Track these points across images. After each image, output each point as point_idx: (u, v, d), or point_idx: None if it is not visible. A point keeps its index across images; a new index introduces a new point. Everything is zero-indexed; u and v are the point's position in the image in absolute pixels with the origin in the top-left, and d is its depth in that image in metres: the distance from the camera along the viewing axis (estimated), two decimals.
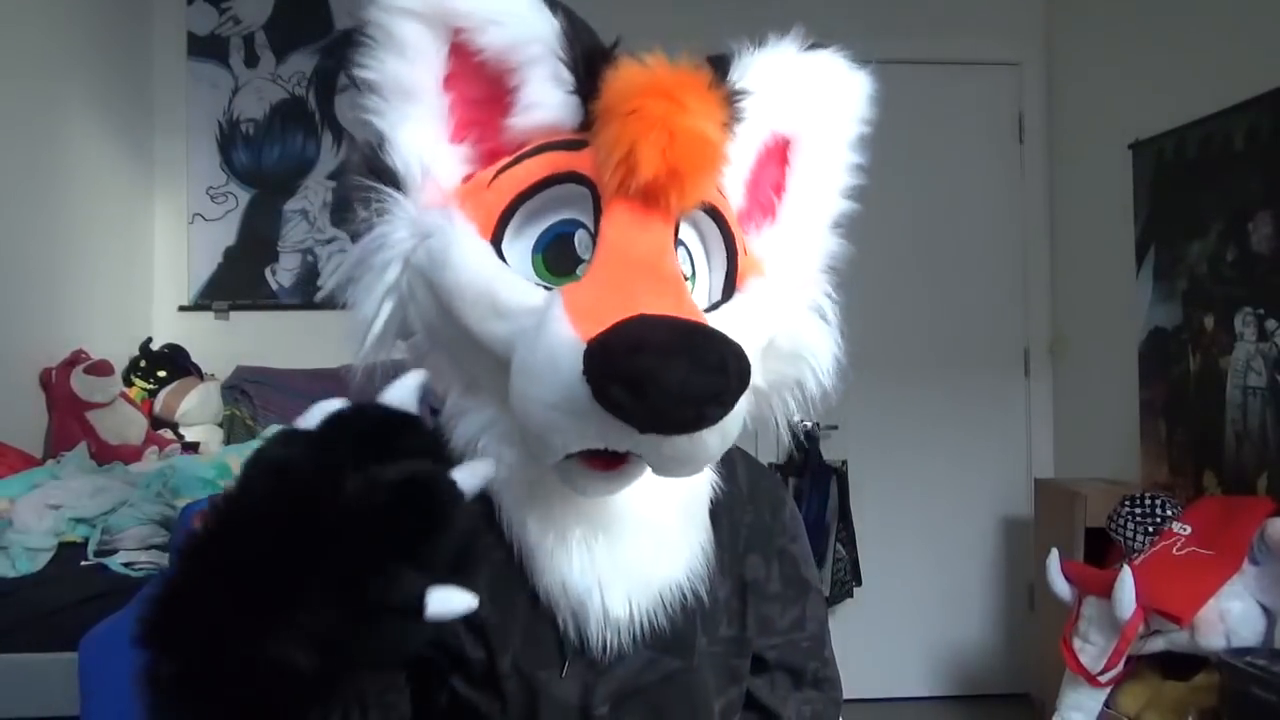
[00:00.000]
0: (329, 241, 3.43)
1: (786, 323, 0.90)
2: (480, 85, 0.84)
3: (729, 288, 0.84)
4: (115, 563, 1.67)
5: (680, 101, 0.74)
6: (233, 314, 3.39)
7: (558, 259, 0.79)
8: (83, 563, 1.69)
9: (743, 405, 0.70)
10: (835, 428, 3.36)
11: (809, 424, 3.33)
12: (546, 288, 0.77)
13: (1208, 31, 2.71)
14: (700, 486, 0.87)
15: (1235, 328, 2.52)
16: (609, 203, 0.76)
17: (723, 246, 0.84)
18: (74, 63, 2.85)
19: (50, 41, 2.72)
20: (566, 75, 0.80)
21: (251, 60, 3.43)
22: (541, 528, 0.80)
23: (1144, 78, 3.00)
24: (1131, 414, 2.96)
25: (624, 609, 0.80)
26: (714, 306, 0.83)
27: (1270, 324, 2.41)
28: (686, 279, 0.81)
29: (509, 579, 0.82)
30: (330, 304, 0.84)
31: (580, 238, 0.79)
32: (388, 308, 0.82)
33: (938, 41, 3.41)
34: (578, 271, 0.78)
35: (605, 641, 0.80)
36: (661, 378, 0.63)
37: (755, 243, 0.92)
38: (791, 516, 1.00)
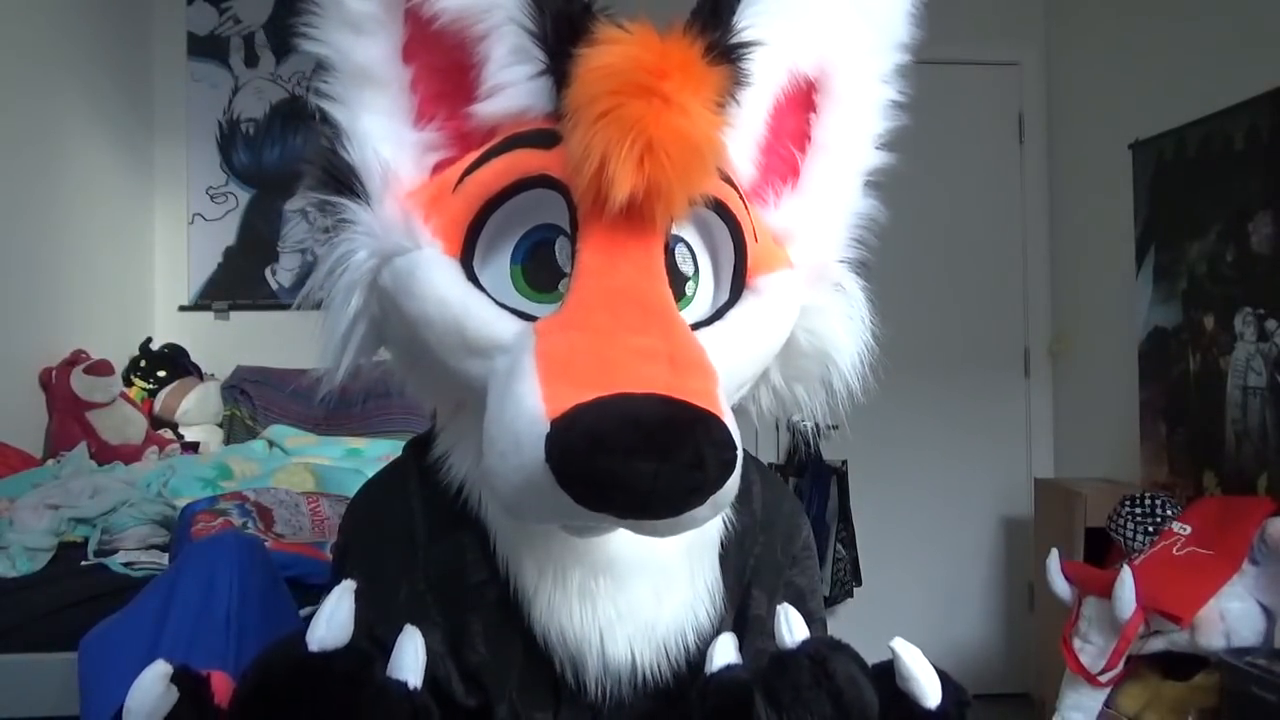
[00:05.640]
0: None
1: (808, 317, 0.82)
2: (442, 54, 0.75)
3: (738, 286, 0.77)
4: (115, 563, 1.67)
5: (662, 93, 0.65)
6: (233, 314, 3.39)
7: (538, 272, 0.72)
8: (83, 563, 1.69)
9: (737, 468, 0.63)
10: (835, 428, 3.35)
11: (809, 423, 3.33)
12: (524, 316, 0.70)
13: (1208, 31, 2.71)
14: (709, 525, 0.80)
15: (1235, 328, 2.52)
16: (585, 217, 0.69)
17: (730, 240, 0.76)
18: (74, 63, 2.85)
19: (50, 41, 2.72)
20: (534, 50, 0.72)
21: (251, 60, 3.43)
22: (538, 570, 0.76)
23: (1144, 78, 2.99)
24: (1131, 414, 2.96)
25: (625, 655, 0.76)
26: (719, 313, 0.76)
27: (1270, 324, 2.41)
28: (688, 279, 0.75)
29: (505, 619, 0.78)
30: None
31: (560, 246, 0.72)
32: (360, 330, 0.76)
33: (938, 41, 3.39)
34: (560, 287, 0.71)
35: (604, 689, 0.77)
36: (628, 481, 0.58)
37: (774, 217, 0.83)
38: (804, 547, 0.94)
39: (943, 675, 0.77)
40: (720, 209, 0.75)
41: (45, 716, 1.46)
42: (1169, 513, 2.43)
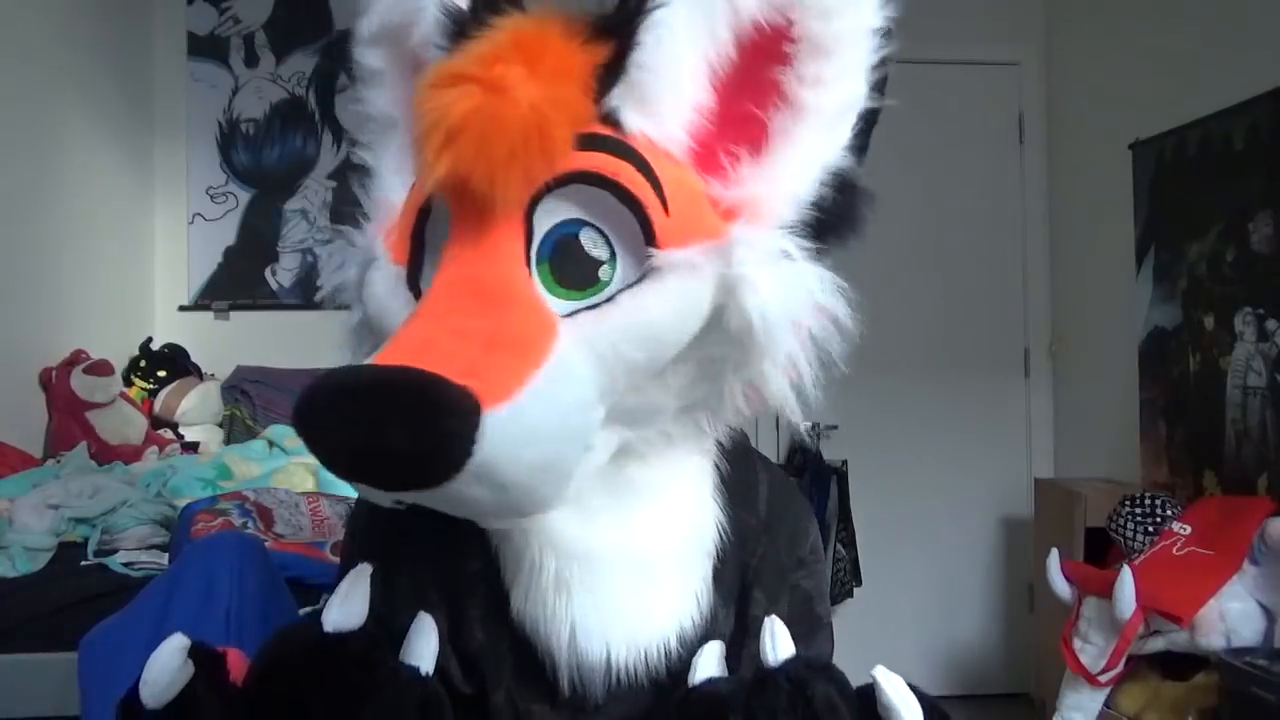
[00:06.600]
0: (329, 242, 3.43)
1: (743, 295, 0.70)
2: None
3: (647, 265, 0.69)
4: (115, 563, 1.67)
5: (476, 78, 0.64)
6: (233, 314, 3.39)
7: None
8: (83, 563, 1.69)
9: (522, 457, 0.60)
10: (835, 428, 3.36)
11: (808, 424, 3.33)
12: None
13: (1208, 31, 2.71)
14: (703, 526, 0.80)
15: (1235, 328, 2.52)
16: (449, 211, 0.72)
17: (633, 218, 0.69)
18: (74, 63, 2.85)
19: (51, 41, 2.72)
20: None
21: (251, 60, 3.43)
22: (516, 555, 0.76)
23: (1144, 78, 3.00)
24: (1131, 414, 2.96)
25: (600, 650, 0.75)
26: (611, 296, 0.69)
27: (1270, 324, 2.41)
28: (602, 263, 0.70)
29: (499, 606, 0.78)
30: (331, 304, 0.87)
31: None
32: (364, 333, 0.82)
33: (938, 41, 3.41)
34: None
35: (576, 682, 0.76)
36: (317, 436, 0.60)
37: (725, 192, 0.72)
38: (812, 550, 0.93)
39: (928, 703, 0.77)
40: (611, 185, 0.68)
41: (45, 716, 1.46)
42: (1169, 513, 2.43)
